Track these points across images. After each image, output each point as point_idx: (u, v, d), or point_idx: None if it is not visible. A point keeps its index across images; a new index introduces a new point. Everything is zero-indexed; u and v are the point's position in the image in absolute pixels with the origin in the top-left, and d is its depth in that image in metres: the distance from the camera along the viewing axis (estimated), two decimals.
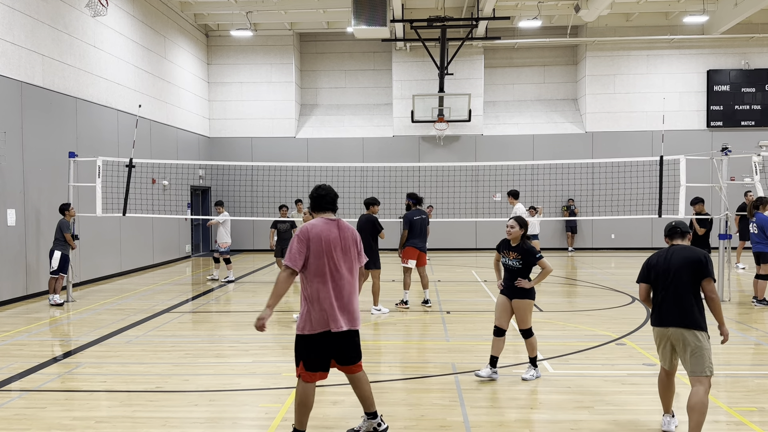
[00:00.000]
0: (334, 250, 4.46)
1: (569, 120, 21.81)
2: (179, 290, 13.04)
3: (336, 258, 4.46)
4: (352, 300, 4.52)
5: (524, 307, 6.17)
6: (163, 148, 17.73)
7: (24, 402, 5.73)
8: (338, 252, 4.48)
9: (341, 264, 4.49)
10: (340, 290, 4.47)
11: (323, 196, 4.61)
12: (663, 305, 4.80)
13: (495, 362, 6.26)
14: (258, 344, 8.11)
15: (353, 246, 4.58)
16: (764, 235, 10.38)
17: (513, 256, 6.18)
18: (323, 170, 19.80)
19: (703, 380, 4.59)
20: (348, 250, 4.54)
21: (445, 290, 12.55)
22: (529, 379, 6.19)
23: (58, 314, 10.28)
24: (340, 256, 4.48)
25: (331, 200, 4.62)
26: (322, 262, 4.43)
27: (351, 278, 4.55)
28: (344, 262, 4.51)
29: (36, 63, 12.08)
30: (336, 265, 4.46)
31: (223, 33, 21.73)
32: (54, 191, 12.38)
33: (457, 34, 20.33)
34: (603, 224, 21.05)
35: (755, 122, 20.90)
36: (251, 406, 5.67)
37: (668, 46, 21.21)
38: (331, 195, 4.63)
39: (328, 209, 4.61)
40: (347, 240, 4.55)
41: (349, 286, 4.52)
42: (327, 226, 4.51)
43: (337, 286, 4.46)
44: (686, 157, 11.33)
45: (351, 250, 4.56)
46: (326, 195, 4.60)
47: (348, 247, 4.54)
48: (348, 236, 4.57)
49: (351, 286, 4.54)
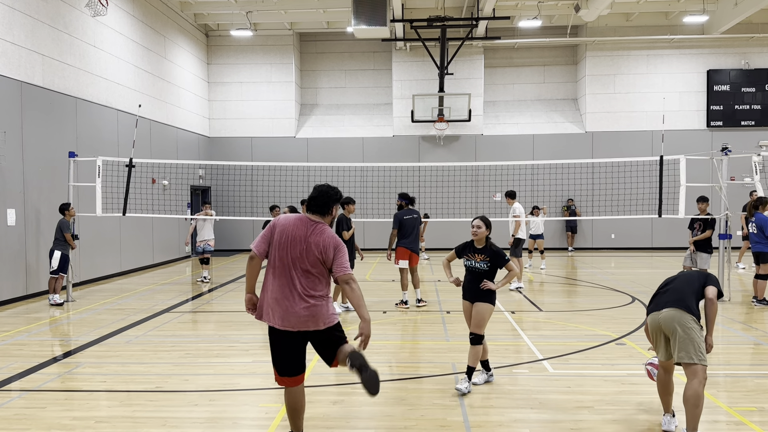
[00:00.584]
0: (291, 248, 4.37)
1: (569, 120, 21.82)
2: (179, 290, 13.04)
3: (291, 256, 4.36)
4: (295, 302, 4.33)
5: (484, 311, 5.88)
6: (163, 148, 17.73)
7: (24, 402, 5.73)
8: (296, 251, 4.36)
9: (295, 263, 4.35)
10: (284, 287, 4.35)
11: (312, 198, 4.55)
12: (662, 296, 4.93)
13: (487, 365, 6.18)
14: (258, 344, 8.11)
15: (318, 252, 4.35)
16: (764, 235, 10.38)
17: (480, 259, 5.90)
18: (323, 170, 19.80)
19: (696, 371, 4.57)
20: (308, 253, 4.35)
21: (445, 290, 12.54)
22: (461, 390, 5.74)
23: (58, 314, 10.28)
24: (297, 256, 4.35)
25: (320, 203, 4.51)
26: (276, 255, 4.40)
27: (302, 280, 4.34)
28: (300, 262, 4.35)
29: (36, 63, 12.07)
30: (290, 263, 4.36)
31: (223, 33, 21.73)
32: (54, 191, 12.38)
33: (457, 34, 20.33)
34: (603, 224, 21.05)
35: (755, 122, 20.90)
36: (251, 406, 5.67)
37: (668, 46, 21.21)
38: (321, 198, 4.51)
39: (315, 211, 4.53)
40: (312, 244, 4.36)
41: (297, 287, 4.34)
42: (299, 223, 4.45)
43: (283, 283, 4.36)
44: (686, 157, 11.32)
45: (311, 254, 4.35)
46: (316, 197, 4.53)
47: (309, 250, 4.35)
48: (317, 241, 4.37)
49: (298, 288, 4.34)
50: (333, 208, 4.60)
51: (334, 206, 4.60)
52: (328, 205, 4.54)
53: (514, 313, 9.98)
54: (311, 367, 6.80)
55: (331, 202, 4.56)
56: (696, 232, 11.09)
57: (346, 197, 9.94)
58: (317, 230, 4.43)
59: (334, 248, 4.41)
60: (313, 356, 7.25)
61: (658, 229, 20.81)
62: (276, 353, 4.50)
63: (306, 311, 4.34)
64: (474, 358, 5.87)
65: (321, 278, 4.42)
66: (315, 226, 4.45)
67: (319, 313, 4.38)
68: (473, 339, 5.86)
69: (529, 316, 9.76)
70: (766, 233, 10.36)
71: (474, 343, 5.85)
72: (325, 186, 4.62)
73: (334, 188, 4.64)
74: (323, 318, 4.40)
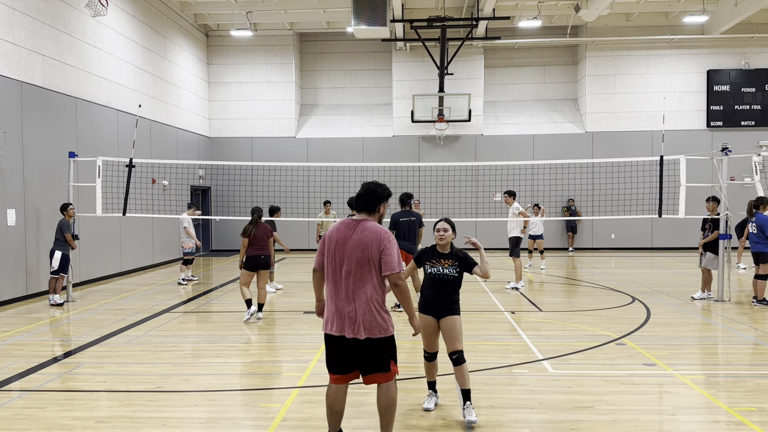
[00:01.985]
0: (337, 251, 4.30)
1: (569, 120, 21.81)
2: (179, 290, 13.04)
3: (337, 259, 4.28)
4: (345, 306, 4.24)
5: (458, 323, 5.26)
6: (163, 148, 17.73)
7: (24, 402, 5.73)
8: (340, 253, 4.28)
9: (341, 266, 4.27)
10: (337, 293, 4.29)
11: (359, 195, 4.43)
12: None
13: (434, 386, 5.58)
14: (258, 344, 8.12)
15: (361, 251, 4.22)
16: (764, 236, 10.38)
17: (448, 264, 5.27)
18: (323, 170, 19.80)
19: None
20: (351, 254, 4.23)
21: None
22: (476, 421, 5.07)
23: (58, 314, 10.28)
24: (343, 258, 4.26)
25: (367, 201, 4.39)
26: (328, 262, 4.35)
27: (350, 282, 4.23)
28: (345, 264, 4.24)
29: (36, 63, 12.08)
30: (337, 266, 4.29)
31: (223, 33, 21.73)
32: (54, 191, 12.38)
33: (457, 34, 20.33)
34: (603, 224, 21.05)
35: (755, 122, 20.90)
36: (251, 406, 5.67)
37: (668, 46, 21.21)
38: (369, 196, 4.38)
39: (361, 209, 4.42)
40: (355, 242, 4.24)
41: (348, 295, 4.24)
42: (341, 226, 4.36)
43: (335, 289, 4.30)
44: (686, 157, 11.32)
45: (354, 255, 4.22)
46: (363, 194, 4.41)
47: (352, 251, 4.23)
48: (360, 239, 4.23)
49: (349, 290, 4.24)
50: (381, 206, 4.44)
51: (382, 204, 4.45)
52: (375, 203, 4.42)
53: (513, 313, 9.98)
54: (311, 367, 6.80)
55: (379, 200, 4.42)
56: (707, 233, 11.07)
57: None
58: (359, 228, 4.30)
59: (379, 244, 4.22)
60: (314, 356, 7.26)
61: (658, 229, 20.81)
62: (329, 354, 4.42)
63: (360, 315, 4.22)
64: (465, 377, 5.19)
65: (370, 279, 4.25)
66: (357, 225, 4.32)
67: (371, 320, 4.23)
68: (458, 358, 5.17)
69: (529, 316, 9.76)
70: (766, 233, 10.35)
71: (460, 362, 5.17)
72: (372, 183, 4.49)
73: (381, 185, 4.49)
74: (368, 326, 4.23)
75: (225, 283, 13.89)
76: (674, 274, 15.14)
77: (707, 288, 11.20)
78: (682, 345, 7.82)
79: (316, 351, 7.53)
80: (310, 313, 10.22)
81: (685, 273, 15.00)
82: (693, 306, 10.58)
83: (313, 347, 7.74)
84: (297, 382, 6.26)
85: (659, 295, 11.71)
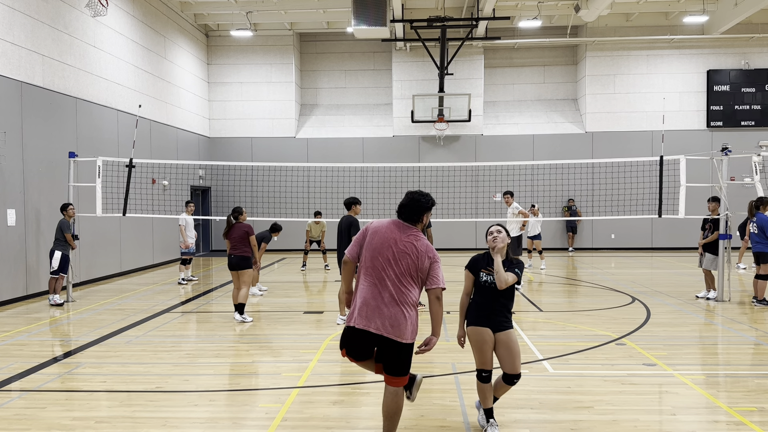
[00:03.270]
0: (384, 249, 4.27)
1: (569, 120, 21.82)
2: (179, 290, 13.04)
3: (386, 256, 4.26)
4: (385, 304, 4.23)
5: (516, 341, 4.78)
6: (163, 148, 17.73)
7: (24, 402, 5.73)
8: (389, 253, 4.26)
9: (387, 266, 4.25)
10: (374, 288, 4.26)
11: (403, 206, 4.41)
12: None
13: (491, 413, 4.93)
14: (258, 344, 8.12)
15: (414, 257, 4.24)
16: (764, 236, 10.37)
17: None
18: (323, 170, 19.81)
19: None
20: (402, 257, 4.24)
21: (445, 290, 12.52)
22: None
23: (58, 314, 10.28)
24: (389, 258, 4.25)
25: (411, 211, 4.37)
26: (368, 256, 4.32)
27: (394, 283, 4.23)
28: (392, 266, 4.24)
29: (36, 63, 12.08)
30: (381, 265, 4.26)
31: (223, 33, 21.73)
32: (54, 191, 12.38)
33: (457, 34, 20.33)
34: (603, 224, 21.05)
35: (755, 122, 20.90)
36: (251, 406, 5.67)
37: (668, 46, 21.21)
38: (412, 206, 4.36)
39: (406, 219, 4.40)
40: (407, 248, 4.25)
41: (389, 289, 4.23)
42: (392, 226, 4.36)
43: (373, 283, 4.27)
44: (686, 157, 11.32)
45: (405, 259, 4.24)
46: (407, 204, 4.39)
47: (403, 253, 4.24)
48: (413, 247, 4.25)
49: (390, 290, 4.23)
50: (424, 216, 4.43)
51: (426, 214, 4.43)
52: (419, 214, 4.40)
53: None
54: (311, 367, 6.80)
55: (423, 210, 4.40)
56: (707, 233, 11.08)
57: (352, 198, 9.78)
58: (412, 235, 4.33)
59: (430, 259, 4.30)
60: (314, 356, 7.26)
61: (658, 229, 20.81)
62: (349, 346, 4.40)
63: (392, 315, 4.23)
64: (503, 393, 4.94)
65: (413, 285, 4.29)
66: (410, 230, 4.35)
67: (401, 322, 4.26)
68: (514, 378, 4.78)
69: (529, 316, 9.76)
70: (766, 233, 10.35)
71: (513, 383, 4.82)
72: (417, 193, 4.44)
73: (426, 195, 4.44)
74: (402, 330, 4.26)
75: (225, 283, 13.88)
76: (674, 274, 15.14)
77: (712, 287, 11.19)
78: (682, 345, 7.82)
79: (316, 351, 7.53)
80: (310, 313, 10.23)
81: (685, 273, 15.00)
82: (693, 306, 10.57)
83: (313, 347, 7.75)
84: (297, 382, 6.26)
85: (659, 295, 11.71)
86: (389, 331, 4.24)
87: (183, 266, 14.04)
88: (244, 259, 9.40)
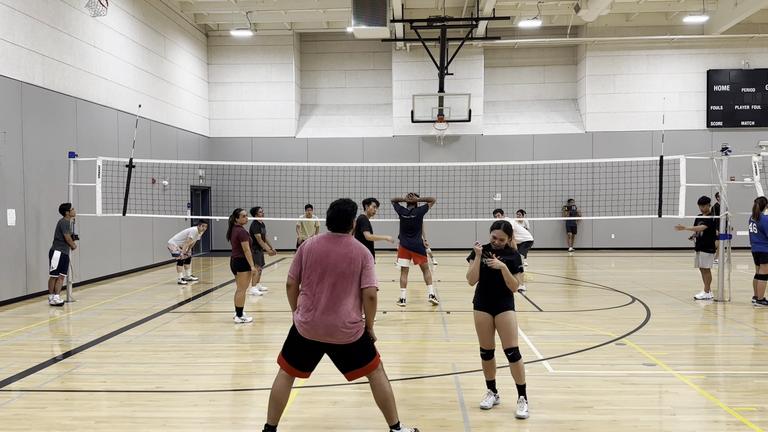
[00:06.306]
0: (317, 263, 4.49)
1: (569, 120, 21.82)
2: (179, 290, 13.04)
3: (318, 271, 4.48)
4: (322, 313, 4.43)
5: (513, 320, 5.29)
6: (163, 148, 17.73)
7: (24, 402, 5.73)
8: (322, 266, 4.47)
9: (322, 278, 4.47)
10: (314, 301, 4.47)
11: (330, 219, 4.63)
12: None
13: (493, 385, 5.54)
14: (258, 344, 8.12)
15: (346, 264, 4.46)
16: (764, 236, 10.38)
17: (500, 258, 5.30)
18: (323, 170, 19.80)
19: None
20: (336, 266, 4.46)
21: (445, 290, 12.55)
22: (526, 416, 5.21)
23: (58, 314, 10.28)
24: (325, 270, 4.47)
25: (340, 223, 4.60)
26: (307, 273, 4.53)
27: (330, 294, 4.44)
28: (328, 276, 4.46)
29: (36, 63, 12.08)
30: (317, 278, 4.48)
31: (223, 33, 21.73)
32: (54, 191, 12.38)
33: (457, 34, 20.33)
34: (603, 224, 21.06)
35: (755, 122, 20.91)
36: (251, 406, 5.67)
37: (668, 46, 21.21)
38: (339, 218, 4.59)
39: (336, 230, 4.63)
40: (341, 255, 4.48)
41: (324, 300, 4.44)
42: (323, 240, 4.58)
43: (313, 296, 4.48)
44: (686, 157, 11.32)
45: (339, 266, 4.46)
46: (334, 218, 4.61)
47: (336, 262, 4.46)
48: (345, 253, 4.49)
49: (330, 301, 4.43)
50: (353, 222, 4.69)
51: (353, 220, 4.69)
52: (347, 222, 4.64)
53: None
54: None
55: (350, 217, 4.65)
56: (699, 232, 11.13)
57: (368, 198, 9.98)
58: (343, 243, 4.55)
59: (363, 261, 4.50)
60: None
61: (658, 229, 20.81)
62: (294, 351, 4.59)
63: (332, 323, 4.43)
64: (520, 373, 5.29)
65: (349, 291, 4.48)
66: (341, 239, 4.57)
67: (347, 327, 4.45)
68: (513, 355, 5.24)
69: (528, 316, 9.76)
70: (767, 233, 10.35)
71: (516, 358, 5.24)
72: (340, 203, 4.69)
73: (347, 202, 4.70)
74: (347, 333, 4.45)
75: (225, 284, 13.89)
76: (674, 274, 15.14)
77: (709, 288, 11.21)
78: (682, 345, 7.82)
79: None
80: None
81: (685, 273, 15.00)
82: (693, 306, 10.58)
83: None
84: (297, 383, 6.25)
85: (659, 295, 11.71)
86: (342, 339, 4.46)
87: (180, 267, 14.03)
88: (240, 261, 9.41)
